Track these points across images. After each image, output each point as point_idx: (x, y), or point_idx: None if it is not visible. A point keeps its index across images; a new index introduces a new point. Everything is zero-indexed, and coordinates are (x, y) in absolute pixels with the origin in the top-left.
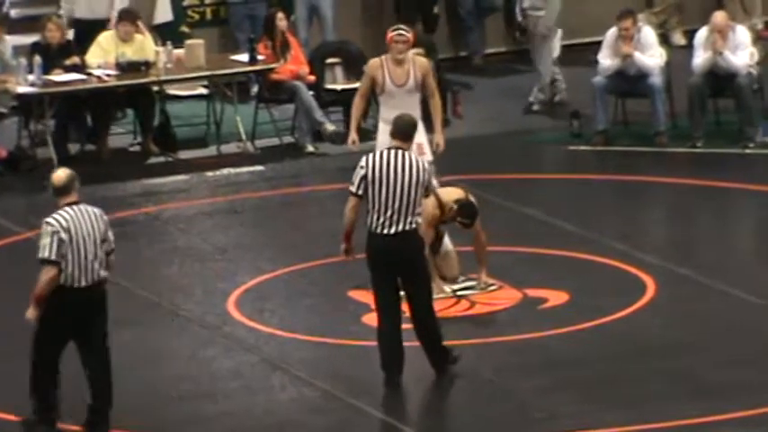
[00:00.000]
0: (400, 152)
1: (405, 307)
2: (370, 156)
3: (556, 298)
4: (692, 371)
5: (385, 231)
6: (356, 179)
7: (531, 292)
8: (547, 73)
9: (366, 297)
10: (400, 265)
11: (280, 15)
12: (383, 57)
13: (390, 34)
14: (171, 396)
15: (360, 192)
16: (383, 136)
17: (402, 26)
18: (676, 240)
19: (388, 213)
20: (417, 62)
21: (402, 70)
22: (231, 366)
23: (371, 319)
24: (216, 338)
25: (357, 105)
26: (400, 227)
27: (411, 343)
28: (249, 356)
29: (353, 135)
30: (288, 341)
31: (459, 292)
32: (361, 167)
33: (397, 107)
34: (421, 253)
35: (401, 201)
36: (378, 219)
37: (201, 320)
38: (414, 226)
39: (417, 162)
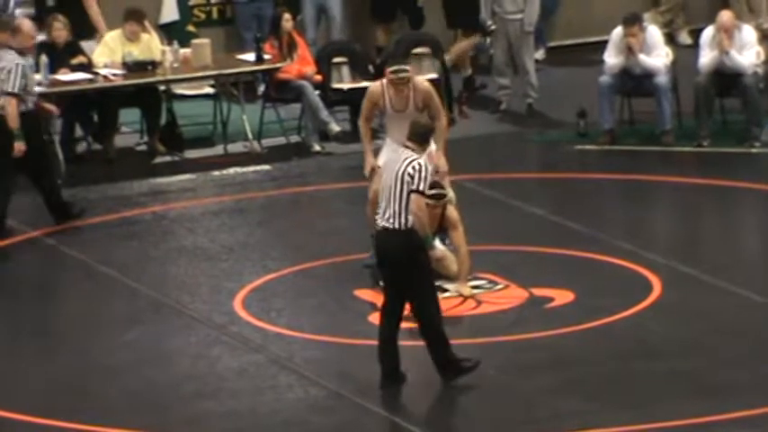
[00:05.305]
0: (406, 151)
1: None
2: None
3: (561, 297)
4: (697, 370)
5: (382, 225)
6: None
7: (537, 292)
8: (533, 70)
9: (372, 296)
10: (390, 264)
11: (286, 17)
12: (384, 82)
13: (390, 76)
14: (177, 395)
15: None
16: (386, 152)
17: (403, 66)
18: (682, 240)
19: (381, 209)
20: (418, 87)
21: (402, 97)
22: (237, 366)
23: (378, 318)
24: (222, 338)
25: (363, 131)
26: (389, 223)
27: (415, 342)
28: (255, 356)
29: (370, 160)
30: (294, 340)
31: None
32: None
33: (401, 128)
34: (408, 253)
35: (387, 195)
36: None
37: (208, 320)
38: (403, 226)
39: (408, 161)
